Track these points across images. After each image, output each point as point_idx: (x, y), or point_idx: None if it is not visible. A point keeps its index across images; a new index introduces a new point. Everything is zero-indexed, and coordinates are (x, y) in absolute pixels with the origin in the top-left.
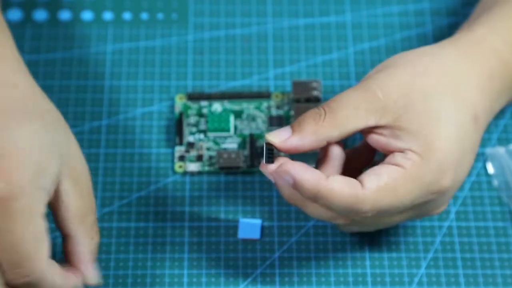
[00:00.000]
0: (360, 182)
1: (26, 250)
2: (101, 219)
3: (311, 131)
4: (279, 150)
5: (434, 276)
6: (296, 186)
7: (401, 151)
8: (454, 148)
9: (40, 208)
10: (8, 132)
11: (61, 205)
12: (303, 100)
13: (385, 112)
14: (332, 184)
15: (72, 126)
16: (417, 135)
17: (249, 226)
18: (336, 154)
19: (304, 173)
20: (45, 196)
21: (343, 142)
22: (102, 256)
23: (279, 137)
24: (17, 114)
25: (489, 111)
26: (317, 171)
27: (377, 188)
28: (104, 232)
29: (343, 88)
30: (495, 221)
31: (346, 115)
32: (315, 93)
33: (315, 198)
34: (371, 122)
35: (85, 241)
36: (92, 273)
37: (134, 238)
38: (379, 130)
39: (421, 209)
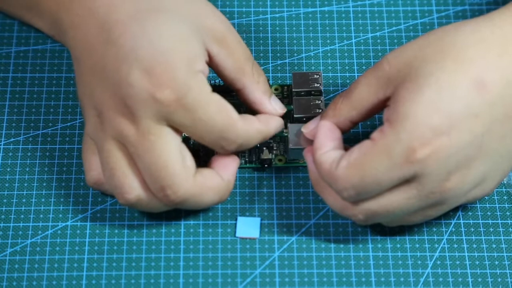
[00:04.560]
0: None
1: (222, 121)
2: (93, 217)
3: (331, 115)
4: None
5: (440, 276)
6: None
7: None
8: (435, 115)
9: (207, 86)
10: (147, 39)
11: (218, 67)
12: (304, 93)
13: (390, 82)
14: (321, 157)
15: (64, 121)
16: (396, 103)
17: (248, 224)
18: (323, 127)
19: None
20: (204, 73)
21: None
22: (95, 256)
23: (308, 127)
24: (145, 17)
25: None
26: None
27: (347, 165)
28: (96, 231)
29: (345, 80)
30: (504, 219)
31: (359, 93)
32: (316, 85)
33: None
34: (380, 95)
35: (253, 87)
36: (274, 107)
37: (128, 237)
38: (387, 102)
39: (422, 188)
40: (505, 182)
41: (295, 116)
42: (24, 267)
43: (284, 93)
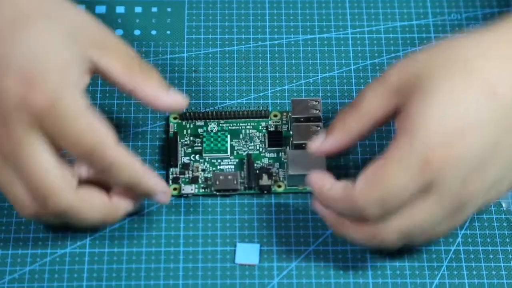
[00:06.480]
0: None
1: (92, 139)
2: (92, 244)
3: (340, 128)
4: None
5: None
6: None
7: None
8: (447, 122)
9: (82, 100)
10: (21, 45)
11: (105, 72)
12: (303, 120)
13: (399, 93)
14: (330, 192)
15: None
16: (408, 113)
17: (247, 251)
18: (315, 176)
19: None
20: (82, 83)
21: None
22: (93, 282)
23: (315, 144)
24: (20, 24)
25: None
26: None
27: (365, 182)
28: (95, 258)
29: (344, 107)
30: (503, 245)
31: (368, 104)
32: (315, 112)
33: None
34: (390, 106)
35: (145, 83)
36: (174, 98)
37: (127, 264)
38: (397, 114)
39: (442, 195)
40: (504, 208)
41: (294, 142)
42: None
43: (283, 120)
